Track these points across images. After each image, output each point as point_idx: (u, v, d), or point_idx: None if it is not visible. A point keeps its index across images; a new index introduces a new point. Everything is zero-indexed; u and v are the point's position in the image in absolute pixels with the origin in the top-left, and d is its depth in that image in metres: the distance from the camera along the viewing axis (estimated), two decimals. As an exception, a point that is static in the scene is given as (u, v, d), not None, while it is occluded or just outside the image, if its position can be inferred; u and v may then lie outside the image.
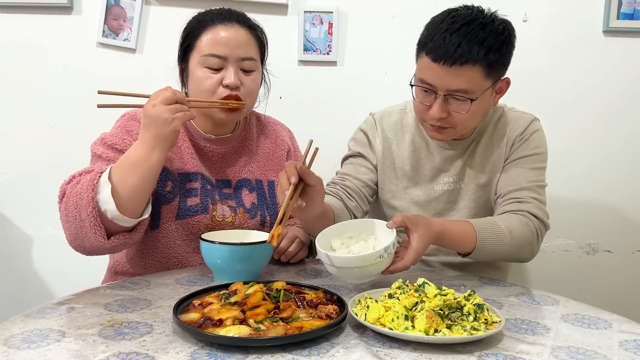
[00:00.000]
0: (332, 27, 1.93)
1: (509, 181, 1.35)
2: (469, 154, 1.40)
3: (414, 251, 1.10)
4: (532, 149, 1.36)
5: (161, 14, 1.91)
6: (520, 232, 1.25)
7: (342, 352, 0.82)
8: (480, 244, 1.21)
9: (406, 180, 1.43)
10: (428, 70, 1.22)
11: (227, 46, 1.28)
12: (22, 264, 2.01)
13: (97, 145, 1.27)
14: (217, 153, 1.39)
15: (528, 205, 1.29)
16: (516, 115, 1.42)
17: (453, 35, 1.18)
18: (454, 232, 1.21)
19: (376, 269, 1.07)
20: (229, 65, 1.28)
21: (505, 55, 1.24)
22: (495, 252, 1.24)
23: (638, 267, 2.05)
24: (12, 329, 0.87)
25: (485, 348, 0.84)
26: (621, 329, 0.95)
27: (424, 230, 1.13)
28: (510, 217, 1.27)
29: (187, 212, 1.31)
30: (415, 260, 1.11)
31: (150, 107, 1.11)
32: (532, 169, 1.35)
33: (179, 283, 1.15)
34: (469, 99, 1.22)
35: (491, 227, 1.23)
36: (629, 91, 1.97)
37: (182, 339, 0.84)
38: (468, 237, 1.22)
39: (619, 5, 1.91)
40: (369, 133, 1.46)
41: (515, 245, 1.25)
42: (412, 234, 1.12)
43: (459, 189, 1.41)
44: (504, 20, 1.25)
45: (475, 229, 1.21)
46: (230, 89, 1.27)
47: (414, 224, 1.12)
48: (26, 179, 1.97)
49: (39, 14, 1.90)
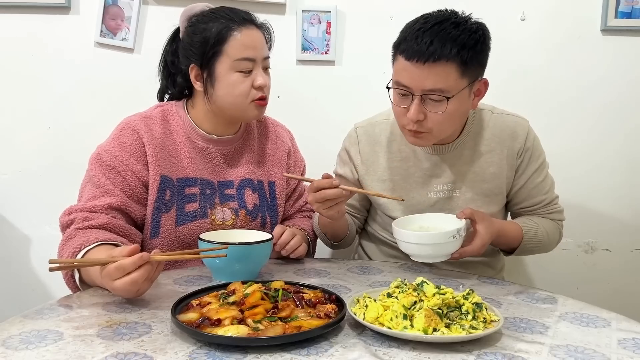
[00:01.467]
0: (330, 27, 1.93)
1: (532, 200, 1.44)
2: (465, 161, 1.39)
3: (480, 239, 1.23)
4: (537, 159, 1.42)
5: (159, 13, 1.91)
6: (553, 234, 1.44)
7: (340, 351, 0.82)
8: (523, 245, 1.38)
9: (397, 190, 1.41)
10: (403, 72, 1.23)
11: (255, 49, 1.32)
12: (20, 265, 2.01)
13: (92, 162, 1.30)
14: (219, 154, 1.40)
15: (554, 215, 1.46)
16: (511, 120, 1.41)
17: (425, 34, 1.19)
18: (508, 233, 1.35)
19: (448, 248, 1.20)
20: (257, 66, 1.32)
21: (480, 54, 1.23)
22: (531, 249, 1.42)
23: (637, 265, 2.05)
24: (10, 330, 0.87)
25: (484, 347, 0.84)
26: (620, 327, 0.95)
27: (489, 224, 1.26)
28: (545, 221, 1.43)
29: (186, 218, 1.32)
30: (482, 247, 1.23)
31: (113, 283, 0.96)
32: (543, 179, 1.43)
33: (177, 283, 1.15)
34: (445, 98, 1.21)
35: (535, 231, 1.39)
36: (627, 90, 1.97)
37: (181, 339, 0.84)
38: (517, 237, 1.37)
39: (616, 4, 1.91)
40: (351, 151, 1.47)
41: (547, 243, 1.42)
42: (480, 225, 1.24)
43: (454, 197, 1.40)
44: (479, 22, 1.25)
45: (522, 231, 1.37)
46: (262, 90, 1.33)
47: (481, 217, 1.25)
48: (24, 179, 1.96)
49: (37, 14, 1.90)
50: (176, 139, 1.36)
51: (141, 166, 1.29)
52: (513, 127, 1.39)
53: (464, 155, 1.39)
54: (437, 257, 1.21)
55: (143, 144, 1.30)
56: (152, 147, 1.30)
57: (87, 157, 1.32)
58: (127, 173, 1.27)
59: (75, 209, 1.23)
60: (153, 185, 1.29)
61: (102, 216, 1.22)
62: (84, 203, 1.24)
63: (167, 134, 1.35)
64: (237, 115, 1.36)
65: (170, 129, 1.36)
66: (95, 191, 1.25)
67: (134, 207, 1.28)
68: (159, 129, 1.33)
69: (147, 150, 1.29)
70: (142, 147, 1.30)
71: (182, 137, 1.36)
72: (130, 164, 1.28)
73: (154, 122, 1.34)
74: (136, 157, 1.29)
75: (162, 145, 1.32)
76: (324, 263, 1.37)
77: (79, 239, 1.13)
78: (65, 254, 1.12)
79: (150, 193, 1.29)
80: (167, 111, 1.39)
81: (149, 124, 1.33)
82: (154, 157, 1.30)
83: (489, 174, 1.39)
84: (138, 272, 0.93)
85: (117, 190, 1.26)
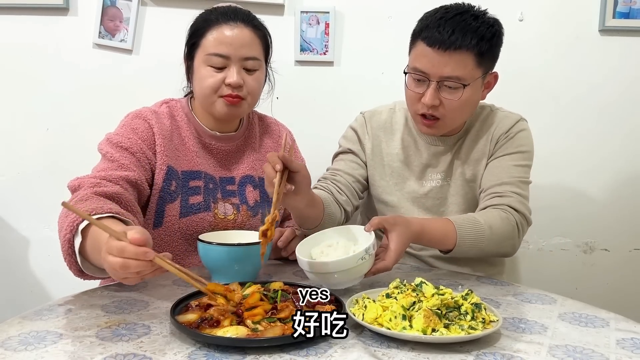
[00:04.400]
0: (328, 27, 1.93)
1: (492, 176, 1.37)
2: (456, 150, 1.43)
3: (393, 251, 1.12)
4: (516, 147, 1.38)
5: (157, 14, 1.91)
6: (500, 227, 1.26)
7: (340, 352, 0.82)
8: (460, 240, 1.23)
9: (396, 176, 1.46)
10: (422, 57, 1.28)
11: (231, 46, 1.30)
12: (18, 266, 2.01)
13: (102, 145, 1.28)
14: (222, 150, 1.41)
15: (509, 199, 1.30)
16: (503, 114, 1.44)
17: (447, 23, 1.25)
18: (433, 230, 1.23)
19: (359, 271, 1.07)
20: (232, 64, 1.30)
21: (495, 47, 1.30)
22: (475, 247, 1.25)
23: (635, 265, 2.05)
24: (9, 331, 0.86)
25: (483, 347, 0.84)
26: (618, 327, 0.96)
27: (402, 230, 1.14)
28: (490, 212, 1.29)
29: (190, 210, 1.32)
30: (396, 259, 1.13)
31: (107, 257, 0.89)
32: (515, 165, 1.36)
33: (176, 284, 1.15)
34: (461, 85, 1.26)
35: (471, 223, 1.24)
36: (625, 90, 1.97)
37: (180, 340, 0.84)
38: (448, 234, 1.23)
39: (614, 5, 1.91)
40: (359, 131, 1.49)
41: (495, 240, 1.26)
42: (391, 234, 1.13)
43: (447, 185, 1.44)
44: (494, 17, 1.31)
45: (454, 226, 1.23)
46: (232, 88, 1.29)
47: (392, 225, 1.14)
48: (22, 181, 1.96)
49: (35, 15, 1.90)
50: (182, 133, 1.37)
51: (151, 153, 1.30)
52: (502, 118, 1.43)
53: (457, 144, 1.43)
54: (349, 282, 1.09)
55: (153, 133, 1.31)
56: (161, 138, 1.31)
57: (86, 158, 1.32)
58: (140, 155, 1.27)
59: (86, 176, 1.18)
60: (159, 174, 1.30)
61: (115, 186, 1.16)
62: (96, 173, 1.20)
63: (174, 128, 1.36)
64: (208, 109, 1.36)
65: (176, 124, 1.38)
66: (109, 164, 1.22)
67: (145, 188, 1.27)
68: (167, 123, 1.35)
69: (157, 139, 1.30)
70: (152, 135, 1.30)
71: (187, 132, 1.38)
72: (143, 148, 1.28)
73: (162, 116, 1.36)
74: (147, 144, 1.29)
75: (170, 137, 1.34)
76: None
77: (91, 204, 1.04)
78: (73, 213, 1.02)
79: (156, 182, 1.29)
80: (173, 107, 1.40)
81: (159, 116, 1.35)
82: (163, 147, 1.30)
83: (473, 160, 1.42)
84: (135, 262, 0.86)
85: (132, 166, 1.24)
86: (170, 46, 1.65)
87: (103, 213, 1.00)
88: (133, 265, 0.85)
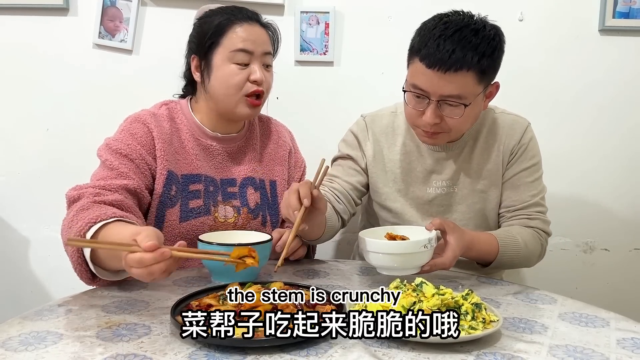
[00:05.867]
0: (328, 28, 1.93)
1: (515, 196, 1.40)
2: (464, 158, 1.40)
3: (452, 251, 1.15)
4: (530, 159, 1.39)
5: (157, 14, 1.90)
6: (533, 245, 1.34)
7: (340, 352, 0.82)
8: (500, 256, 1.28)
9: (399, 182, 1.43)
10: (421, 76, 1.22)
11: (255, 42, 1.32)
12: (19, 266, 2.01)
13: (101, 151, 1.28)
14: (223, 152, 1.41)
15: (536, 222, 1.37)
16: (510, 119, 1.42)
17: (447, 42, 1.18)
18: (481, 243, 1.27)
19: (419, 259, 1.10)
20: (255, 60, 1.32)
21: (496, 60, 1.25)
22: (510, 262, 1.32)
23: (635, 265, 2.05)
24: (9, 331, 0.86)
25: (483, 347, 0.84)
26: (618, 327, 0.96)
27: (460, 236, 1.17)
28: (524, 231, 1.35)
29: (190, 214, 1.32)
30: (454, 260, 1.15)
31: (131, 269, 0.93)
32: (533, 181, 1.39)
33: (177, 284, 1.15)
34: (462, 104, 1.22)
35: (511, 240, 1.30)
36: (625, 90, 1.97)
37: (180, 340, 0.84)
38: (492, 249, 1.28)
39: (614, 4, 1.91)
40: (360, 136, 1.46)
41: (527, 256, 1.33)
42: (450, 236, 1.15)
43: (452, 193, 1.41)
44: (494, 26, 1.25)
45: (497, 240, 1.28)
46: (257, 84, 1.32)
47: (451, 229, 1.16)
48: (22, 181, 1.96)
49: (35, 15, 1.90)
50: (182, 136, 1.37)
51: (151, 158, 1.29)
52: (510, 125, 1.41)
53: (464, 152, 1.40)
54: (406, 269, 1.11)
55: (153, 138, 1.30)
56: (161, 142, 1.31)
57: (86, 159, 1.32)
58: (140, 161, 1.27)
59: (85, 185, 1.18)
60: (160, 179, 1.29)
61: (115, 194, 1.17)
62: (95, 182, 1.20)
63: (173, 131, 1.36)
64: (229, 109, 1.35)
65: (176, 126, 1.37)
66: (108, 173, 1.22)
67: (145, 195, 1.27)
68: (166, 125, 1.35)
69: (157, 144, 1.30)
70: (152, 140, 1.30)
71: (187, 135, 1.37)
72: (142, 154, 1.27)
73: (162, 119, 1.35)
74: (147, 149, 1.29)
75: (170, 141, 1.33)
76: (323, 264, 1.37)
77: (94, 212, 1.05)
78: (78, 223, 1.03)
79: (157, 187, 1.29)
80: (172, 109, 1.40)
81: (158, 119, 1.34)
82: (162, 152, 1.30)
83: (486, 171, 1.40)
84: (157, 265, 0.90)
85: (131, 174, 1.24)
86: (170, 46, 1.65)
87: (108, 219, 1.03)
88: (157, 271, 0.90)
